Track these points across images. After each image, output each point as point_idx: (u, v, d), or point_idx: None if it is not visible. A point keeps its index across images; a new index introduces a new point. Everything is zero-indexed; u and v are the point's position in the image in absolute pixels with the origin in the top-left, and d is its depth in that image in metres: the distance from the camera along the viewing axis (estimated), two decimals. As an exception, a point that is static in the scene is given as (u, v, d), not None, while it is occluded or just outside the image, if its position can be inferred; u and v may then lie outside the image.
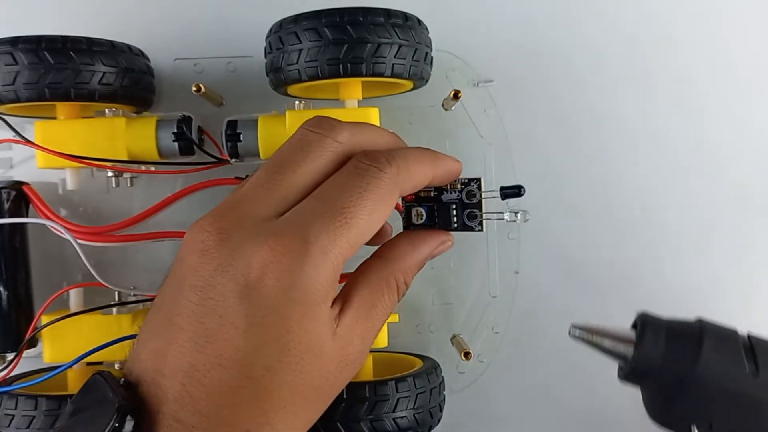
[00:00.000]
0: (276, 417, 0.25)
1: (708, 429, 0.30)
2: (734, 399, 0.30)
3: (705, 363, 0.30)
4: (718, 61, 0.43)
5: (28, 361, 0.39)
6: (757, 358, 0.30)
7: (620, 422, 0.43)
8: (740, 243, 0.43)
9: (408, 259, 0.29)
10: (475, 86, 0.43)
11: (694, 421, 0.30)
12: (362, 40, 0.34)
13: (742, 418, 0.30)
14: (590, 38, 0.43)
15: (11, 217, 0.38)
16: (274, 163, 0.27)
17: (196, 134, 0.39)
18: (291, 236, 0.25)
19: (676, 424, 0.31)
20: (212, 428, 0.24)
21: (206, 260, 0.25)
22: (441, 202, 0.31)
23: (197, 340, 0.25)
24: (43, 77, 0.35)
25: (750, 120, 0.43)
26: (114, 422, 0.24)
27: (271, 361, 0.25)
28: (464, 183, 0.31)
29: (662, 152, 0.43)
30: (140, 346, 0.26)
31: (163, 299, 0.27)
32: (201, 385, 0.24)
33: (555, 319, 0.43)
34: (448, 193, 0.31)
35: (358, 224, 0.26)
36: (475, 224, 0.31)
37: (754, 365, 0.30)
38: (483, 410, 0.43)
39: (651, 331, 0.31)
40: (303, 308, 0.25)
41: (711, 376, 0.30)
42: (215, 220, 0.26)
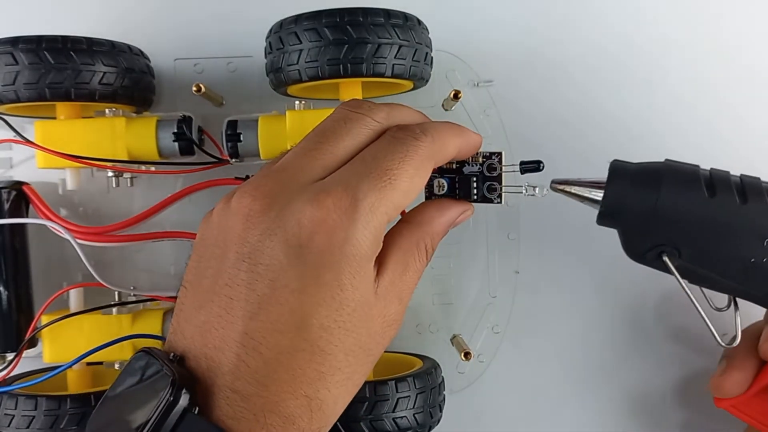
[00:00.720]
0: (332, 379, 0.26)
1: (677, 256, 0.33)
2: (694, 223, 0.32)
3: (665, 194, 0.32)
4: (716, 61, 0.43)
5: (28, 361, 0.39)
6: (715, 184, 0.33)
7: (620, 422, 0.43)
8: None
9: (435, 224, 0.30)
10: (475, 86, 0.43)
11: (664, 250, 0.33)
12: (362, 40, 0.34)
13: (704, 239, 0.32)
14: (590, 39, 0.43)
15: (11, 217, 0.38)
16: (316, 135, 0.28)
17: (196, 134, 0.39)
18: (340, 193, 0.25)
19: (650, 256, 0.33)
20: (270, 396, 0.25)
21: (252, 225, 0.25)
22: (462, 174, 0.33)
23: (249, 308, 0.25)
24: (44, 77, 0.35)
25: (749, 120, 0.43)
26: (169, 396, 0.24)
27: (328, 321, 0.25)
28: (486, 156, 0.33)
29: (662, 152, 0.43)
30: (183, 323, 0.26)
31: (199, 272, 0.27)
32: (257, 353, 0.25)
33: (555, 319, 0.43)
34: (470, 165, 0.33)
35: (401, 186, 0.27)
36: (495, 196, 0.33)
37: (712, 190, 0.32)
38: (483, 410, 0.43)
39: (618, 175, 0.34)
40: (354, 265, 0.25)
41: (671, 206, 0.32)
42: (258, 185, 0.26)
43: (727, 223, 0.32)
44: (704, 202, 0.32)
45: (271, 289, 0.25)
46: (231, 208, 0.26)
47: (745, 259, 0.32)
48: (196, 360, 0.25)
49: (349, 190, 0.26)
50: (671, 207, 0.32)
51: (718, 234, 0.32)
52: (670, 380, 0.39)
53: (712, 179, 0.33)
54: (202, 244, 0.28)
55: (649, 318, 0.37)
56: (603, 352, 0.43)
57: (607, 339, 0.43)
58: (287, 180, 0.26)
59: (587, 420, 0.43)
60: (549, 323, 0.43)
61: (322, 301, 0.25)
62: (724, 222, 0.32)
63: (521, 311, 0.43)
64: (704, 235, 0.32)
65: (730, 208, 0.32)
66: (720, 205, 0.32)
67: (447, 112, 0.42)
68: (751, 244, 0.32)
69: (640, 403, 0.43)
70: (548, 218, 0.43)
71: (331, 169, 0.27)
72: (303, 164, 0.27)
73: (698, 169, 0.34)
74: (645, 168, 0.34)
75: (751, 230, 0.32)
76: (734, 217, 0.32)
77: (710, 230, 0.32)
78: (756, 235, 0.32)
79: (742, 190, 0.33)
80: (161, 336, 0.38)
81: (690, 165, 0.34)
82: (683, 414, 0.43)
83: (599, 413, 0.43)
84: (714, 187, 0.33)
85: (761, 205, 0.32)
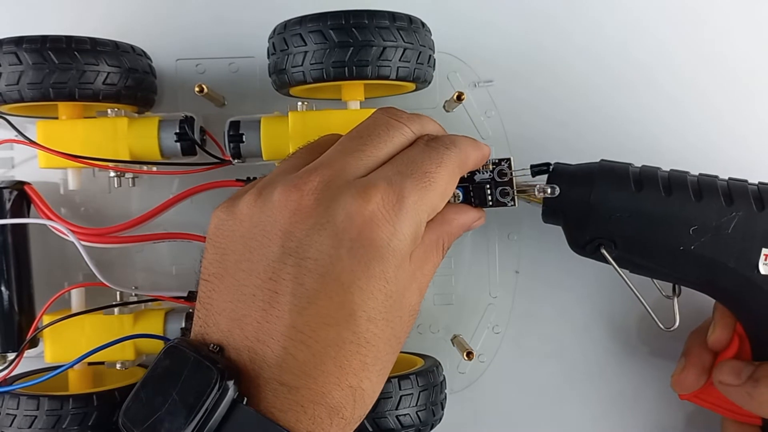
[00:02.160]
0: (374, 369, 0.26)
1: (614, 247, 0.35)
2: (625, 216, 0.35)
3: (597, 191, 0.35)
4: (715, 61, 0.44)
5: (29, 361, 0.39)
6: (642, 180, 0.35)
7: (620, 422, 0.43)
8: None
9: (454, 224, 0.32)
10: (475, 87, 0.43)
11: (601, 243, 0.36)
12: (368, 43, 0.34)
13: (635, 231, 0.35)
14: (589, 39, 0.44)
15: (13, 217, 0.38)
16: (357, 137, 0.29)
17: (198, 134, 0.39)
18: (387, 189, 0.26)
19: (589, 248, 0.36)
20: (318, 387, 0.25)
21: (300, 219, 0.26)
22: (474, 182, 0.35)
23: (298, 302, 0.25)
24: (48, 77, 0.35)
25: (749, 120, 0.44)
26: (217, 387, 0.24)
27: (374, 313, 0.26)
28: (495, 163, 0.35)
29: (661, 152, 0.44)
30: (216, 315, 0.26)
31: (229, 266, 0.27)
32: (306, 346, 0.25)
33: (555, 319, 0.43)
34: (481, 174, 0.35)
35: (438, 189, 0.28)
36: (508, 200, 0.35)
37: (639, 185, 0.35)
38: (483, 410, 0.43)
39: (557, 176, 0.36)
40: (399, 258, 0.26)
41: (603, 201, 0.35)
42: (303, 181, 0.27)
43: (654, 214, 0.35)
44: (632, 196, 0.35)
45: (321, 284, 0.25)
46: (273, 202, 0.27)
47: (674, 247, 0.35)
48: (236, 352, 0.25)
49: (395, 186, 0.27)
50: (603, 202, 0.35)
51: (647, 225, 0.35)
52: (669, 379, 0.40)
53: (640, 175, 0.36)
54: (229, 238, 0.27)
55: (649, 317, 0.38)
56: (603, 352, 0.43)
57: (606, 339, 0.43)
58: (334, 176, 0.27)
59: (587, 420, 0.43)
60: (549, 323, 0.43)
61: (371, 294, 0.26)
62: (651, 213, 0.35)
63: (521, 311, 0.43)
64: (635, 227, 0.35)
65: (656, 201, 0.35)
66: (646, 198, 0.35)
67: (448, 113, 0.43)
68: (678, 233, 0.35)
69: (639, 403, 0.43)
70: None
71: (372, 170, 0.28)
72: (348, 163, 0.28)
73: (629, 166, 0.36)
74: (581, 168, 0.37)
75: (677, 220, 0.35)
76: (660, 208, 0.35)
77: (640, 222, 0.35)
78: (682, 223, 0.34)
79: (667, 184, 0.35)
80: (163, 336, 0.39)
81: (622, 164, 0.37)
82: (683, 413, 0.43)
83: (599, 413, 0.43)
84: (641, 182, 0.35)
85: (685, 195, 0.35)
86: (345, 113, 0.37)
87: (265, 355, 0.25)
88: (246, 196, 0.28)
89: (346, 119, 0.37)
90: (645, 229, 0.35)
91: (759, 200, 0.35)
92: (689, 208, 0.34)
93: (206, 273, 0.28)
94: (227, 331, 0.26)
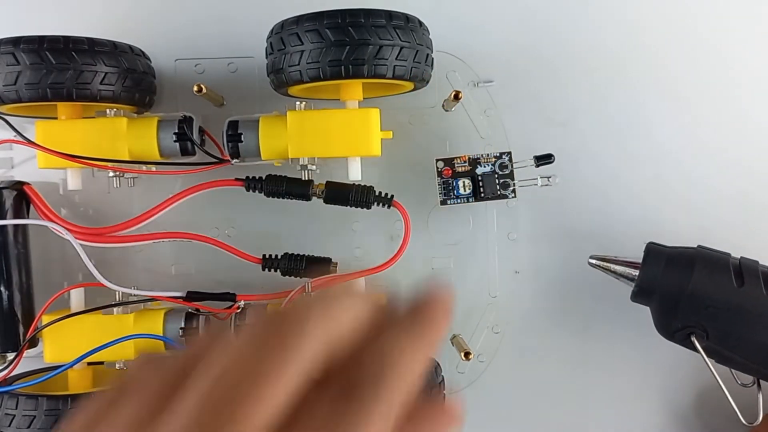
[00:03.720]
0: None
1: (705, 337, 0.35)
2: (723, 309, 0.35)
3: (696, 280, 0.35)
4: (715, 61, 0.44)
5: (28, 361, 0.39)
6: (743, 274, 0.35)
7: (620, 421, 0.43)
8: (738, 242, 0.43)
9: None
10: (475, 87, 0.43)
11: (692, 331, 0.36)
12: (364, 41, 0.34)
13: (731, 325, 0.35)
14: (589, 39, 0.44)
15: (13, 216, 0.38)
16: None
17: (197, 134, 0.39)
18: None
19: (679, 335, 0.36)
20: None
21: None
22: (476, 173, 0.35)
23: None
24: (45, 77, 0.35)
25: (747, 120, 0.43)
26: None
27: None
28: (496, 156, 0.36)
29: (661, 152, 0.43)
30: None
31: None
32: None
33: (555, 319, 0.43)
34: (482, 166, 0.35)
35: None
36: (509, 192, 0.36)
37: (741, 280, 0.35)
38: (483, 410, 0.43)
39: (653, 257, 0.37)
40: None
41: (702, 291, 0.35)
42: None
43: (754, 312, 0.35)
44: (733, 291, 0.35)
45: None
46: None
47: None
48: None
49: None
50: (702, 293, 0.35)
51: (744, 321, 0.35)
52: (669, 378, 0.40)
53: (741, 268, 0.36)
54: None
55: (649, 316, 0.38)
56: (603, 352, 0.43)
57: (606, 339, 0.43)
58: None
59: (587, 419, 0.43)
60: (549, 323, 0.43)
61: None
62: (751, 311, 0.35)
63: (521, 311, 0.43)
64: (731, 322, 0.35)
65: (757, 298, 0.35)
66: (747, 295, 0.35)
67: (447, 112, 0.42)
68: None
69: (639, 403, 0.43)
70: (548, 218, 0.43)
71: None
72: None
73: (728, 257, 0.36)
74: (679, 252, 0.37)
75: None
76: (761, 307, 0.35)
77: (737, 317, 0.35)
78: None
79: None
80: (162, 336, 0.39)
81: (721, 253, 0.37)
82: (684, 412, 0.43)
83: (599, 413, 0.43)
84: (742, 276, 0.35)
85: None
86: (343, 112, 0.37)
87: None
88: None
89: (344, 118, 0.37)
90: (742, 325, 0.35)
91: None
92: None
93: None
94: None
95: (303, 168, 0.38)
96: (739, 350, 0.35)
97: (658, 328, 0.37)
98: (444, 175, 0.36)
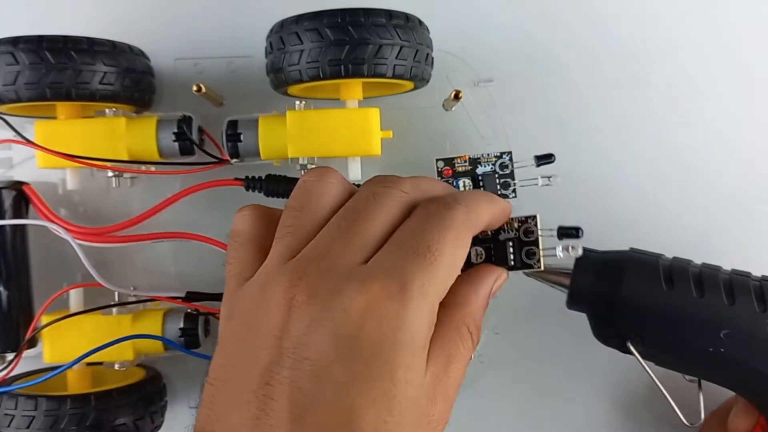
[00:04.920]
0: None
1: (640, 343, 0.35)
2: (655, 314, 0.34)
3: (626, 286, 0.34)
4: (714, 61, 0.43)
5: (28, 361, 0.39)
6: (673, 277, 0.34)
7: (620, 421, 0.43)
8: (739, 244, 0.43)
9: (473, 302, 0.28)
10: (475, 86, 0.43)
11: (628, 337, 0.35)
12: (364, 41, 0.34)
13: (665, 329, 0.34)
14: (589, 39, 0.43)
15: (12, 216, 0.38)
16: (348, 214, 0.26)
17: (196, 134, 0.39)
18: (387, 278, 0.23)
19: (615, 341, 0.35)
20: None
21: (296, 318, 0.23)
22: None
23: (294, 410, 0.22)
24: (44, 77, 0.35)
25: (749, 120, 0.43)
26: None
27: (377, 421, 0.22)
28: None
29: (661, 152, 0.43)
30: (214, 422, 0.24)
31: (228, 370, 0.25)
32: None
33: (555, 319, 0.43)
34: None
35: (445, 261, 0.25)
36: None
37: (671, 283, 0.34)
38: (483, 410, 0.43)
39: (583, 264, 0.35)
40: (408, 354, 0.23)
41: (633, 297, 0.34)
42: (298, 274, 0.24)
43: (685, 315, 0.34)
44: (662, 294, 0.34)
45: (318, 387, 0.22)
46: (270, 299, 0.24)
47: (703, 349, 0.34)
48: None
49: (395, 273, 0.24)
50: (632, 299, 0.34)
51: (677, 325, 0.34)
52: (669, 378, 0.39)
53: (671, 271, 0.35)
54: (233, 340, 0.25)
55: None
56: (603, 351, 0.43)
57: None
58: (328, 266, 0.24)
59: (587, 420, 0.43)
60: (549, 323, 0.43)
61: (372, 400, 0.22)
62: (682, 314, 0.34)
63: (521, 311, 0.43)
64: (664, 326, 0.34)
65: (688, 301, 0.34)
66: (678, 298, 0.34)
67: (447, 112, 0.42)
68: (708, 335, 0.33)
69: (639, 403, 0.43)
70: (548, 218, 0.43)
71: (371, 247, 0.25)
72: (342, 247, 0.25)
73: (659, 260, 0.35)
74: (608, 258, 0.36)
75: (708, 322, 0.33)
76: (691, 309, 0.34)
77: (670, 322, 0.34)
78: (713, 326, 0.33)
79: (699, 283, 0.34)
80: (161, 336, 0.38)
81: (651, 255, 0.36)
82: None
83: (599, 413, 0.43)
84: (672, 279, 0.34)
85: (717, 297, 0.34)
86: (343, 112, 0.37)
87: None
88: (248, 295, 0.26)
89: (344, 118, 0.37)
90: (674, 328, 0.34)
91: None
92: (722, 312, 0.33)
93: (211, 377, 0.25)
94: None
95: (303, 168, 0.38)
96: (675, 354, 0.35)
97: (595, 335, 0.36)
98: (444, 174, 0.35)
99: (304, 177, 0.28)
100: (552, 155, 0.36)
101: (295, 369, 0.23)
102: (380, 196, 0.26)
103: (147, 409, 0.38)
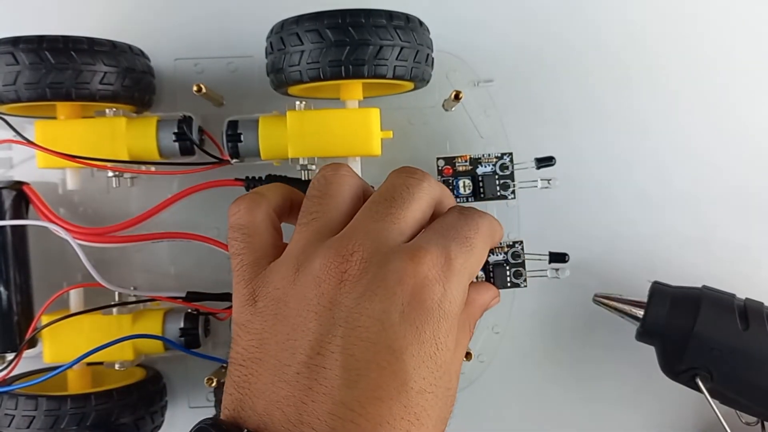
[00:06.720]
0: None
1: (710, 379, 0.35)
2: (728, 351, 0.35)
3: (702, 322, 0.35)
4: (718, 60, 0.44)
5: (28, 361, 0.39)
6: (748, 317, 0.35)
7: (620, 421, 0.43)
8: (739, 244, 0.43)
9: (476, 306, 0.31)
10: (475, 86, 0.43)
11: (697, 372, 0.36)
12: (364, 42, 0.34)
13: (736, 367, 0.35)
14: (589, 39, 0.43)
15: (12, 216, 0.38)
16: (381, 201, 0.28)
17: (196, 134, 0.39)
18: (436, 251, 0.26)
19: (683, 376, 0.36)
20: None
21: (348, 288, 0.25)
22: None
23: (347, 376, 0.23)
24: (44, 77, 0.35)
25: (749, 122, 0.43)
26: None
27: (424, 384, 0.24)
28: (497, 157, 0.36)
29: (662, 152, 0.43)
30: (254, 398, 0.25)
31: (269, 346, 0.25)
32: (354, 425, 0.23)
33: (555, 319, 0.43)
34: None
35: (477, 254, 0.28)
36: (509, 193, 0.36)
37: (746, 323, 0.35)
38: (483, 410, 0.43)
39: (658, 297, 0.37)
40: (449, 322, 0.25)
41: (707, 333, 0.35)
42: (348, 249, 0.26)
43: (759, 355, 0.35)
44: (737, 333, 0.35)
45: (372, 352, 0.23)
46: (316, 274, 0.25)
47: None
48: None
49: (442, 248, 0.26)
50: (707, 335, 0.35)
51: (749, 364, 0.35)
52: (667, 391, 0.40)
53: (746, 311, 0.36)
54: (267, 320, 0.26)
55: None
56: (603, 351, 0.43)
57: (607, 338, 0.43)
58: (376, 242, 0.26)
59: (587, 419, 0.43)
60: (549, 323, 0.43)
61: (422, 362, 0.24)
62: (756, 354, 0.35)
63: (521, 311, 0.43)
64: (736, 364, 0.35)
65: (762, 342, 0.35)
66: (752, 338, 0.35)
67: (447, 112, 0.42)
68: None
69: (640, 403, 0.43)
70: (548, 218, 0.43)
71: (407, 232, 0.27)
72: (384, 228, 0.27)
73: (733, 299, 0.36)
74: (684, 293, 0.37)
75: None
76: (766, 350, 0.35)
77: (742, 360, 0.35)
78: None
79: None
80: (162, 336, 0.38)
81: (726, 294, 0.37)
82: (685, 410, 0.43)
83: (599, 413, 0.43)
84: (747, 319, 0.35)
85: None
86: (343, 112, 0.37)
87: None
88: (279, 274, 0.26)
89: (344, 118, 0.37)
90: (747, 367, 0.35)
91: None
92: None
93: (241, 358, 0.26)
94: (265, 415, 0.24)
95: (303, 168, 0.38)
96: (743, 393, 0.35)
97: (662, 368, 0.37)
98: (444, 174, 0.36)
99: (321, 171, 0.30)
100: (552, 158, 0.37)
101: (347, 337, 0.24)
102: (413, 188, 0.28)
103: (147, 409, 0.38)
